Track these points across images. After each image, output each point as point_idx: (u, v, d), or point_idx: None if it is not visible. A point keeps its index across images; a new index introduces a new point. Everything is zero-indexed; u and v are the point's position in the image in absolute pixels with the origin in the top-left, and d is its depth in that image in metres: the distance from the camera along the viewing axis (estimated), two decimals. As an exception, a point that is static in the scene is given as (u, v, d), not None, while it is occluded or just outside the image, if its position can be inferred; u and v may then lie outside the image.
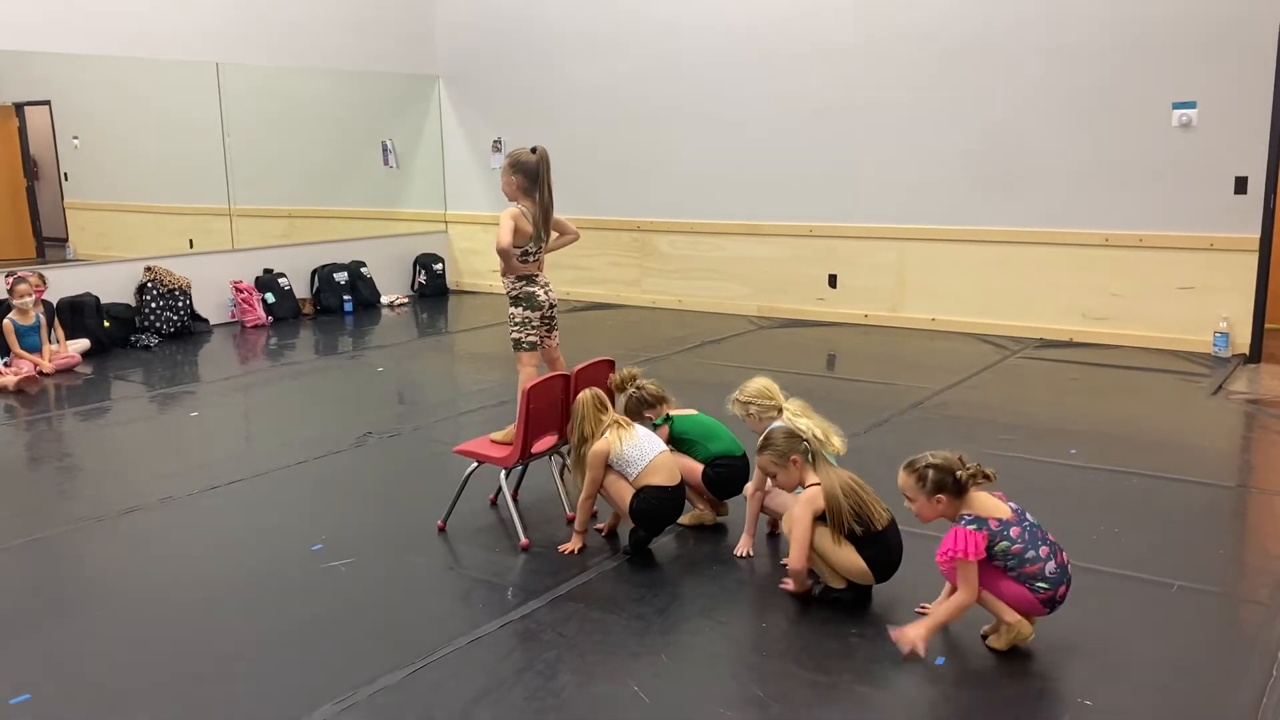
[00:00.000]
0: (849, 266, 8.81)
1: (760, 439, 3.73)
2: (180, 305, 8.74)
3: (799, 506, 3.50)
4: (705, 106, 9.30)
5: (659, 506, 3.89)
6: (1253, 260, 7.14)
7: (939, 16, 8.09)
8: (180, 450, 5.65)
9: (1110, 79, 7.49)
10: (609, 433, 3.94)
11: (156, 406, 6.71)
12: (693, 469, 4.19)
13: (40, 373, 7.29)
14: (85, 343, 7.94)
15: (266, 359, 8.17)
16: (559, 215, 4.79)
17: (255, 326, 9.24)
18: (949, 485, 3.15)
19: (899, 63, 8.30)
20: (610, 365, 4.50)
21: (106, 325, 8.26)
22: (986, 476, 3.16)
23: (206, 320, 9.11)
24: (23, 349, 7.34)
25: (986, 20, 7.90)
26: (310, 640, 3.39)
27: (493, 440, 4.38)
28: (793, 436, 3.62)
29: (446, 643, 3.30)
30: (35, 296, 7.47)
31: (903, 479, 3.24)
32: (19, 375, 7.04)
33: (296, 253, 9.94)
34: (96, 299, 8.28)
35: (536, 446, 4.25)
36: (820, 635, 3.34)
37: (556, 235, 4.83)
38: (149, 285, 8.66)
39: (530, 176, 4.62)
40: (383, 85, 10.63)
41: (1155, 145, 7.38)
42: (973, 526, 3.10)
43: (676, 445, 4.23)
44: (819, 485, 3.48)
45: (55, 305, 7.84)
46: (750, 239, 9.27)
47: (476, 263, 11.07)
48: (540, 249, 4.71)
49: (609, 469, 3.93)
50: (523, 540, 4.07)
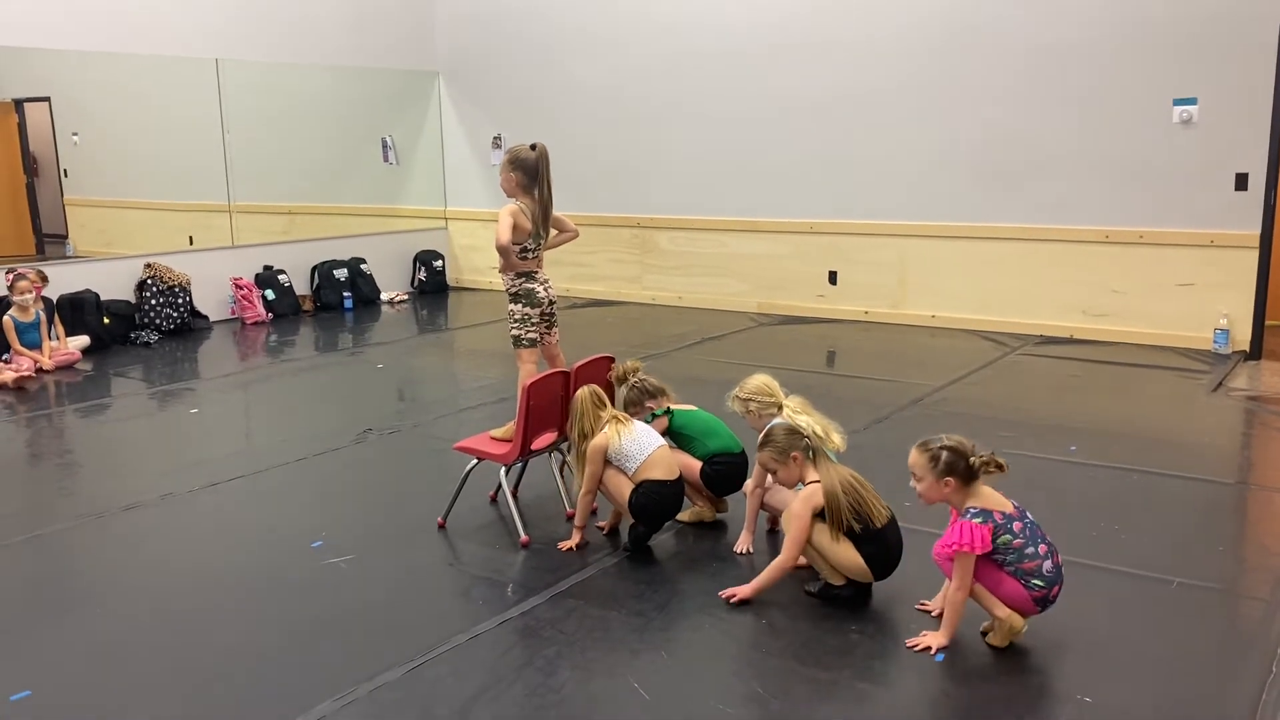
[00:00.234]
0: (850, 263, 8.80)
1: (760, 436, 3.73)
2: (180, 302, 8.74)
3: (798, 503, 3.50)
4: (706, 103, 9.29)
5: (658, 501, 3.90)
6: (1253, 257, 7.13)
7: (939, 13, 8.08)
8: (180, 447, 5.65)
9: (1111, 75, 7.48)
10: (608, 428, 3.95)
11: (156, 403, 6.71)
12: (691, 466, 4.19)
13: (40, 369, 7.29)
14: (85, 339, 7.94)
15: (266, 356, 8.17)
16: (558, 212, 4.78)
17: (255, 323, 9.24)
18: (960, 469, 3.15)
19: (900, 59, 8.29)
20: (610, 362, 4.50)
21: (106, 322, 8.26)
22: (999, 466, 3.16)
23: (206, 317, 9.10)
24: (23, 346, 7.34)
25: (988, 17, 7.89)
26: (310, 637, 3.39)
27: (493, 437, 4.38)
28: (793, 433, 3.62)
29: (446, 639, 3.30)
30: (35, 293, 7.46)
31: (914, 457, 3.23)
32: (19, 372, 7.05)
33: (296, 249, 9.94)
34: (96, 296, 8.27)
35: (536, 443, 4.25)
36: (820, 632, 3.34)
37: (556, 232, 4.82)
38: (149, 282, 8.66)
39: (529, 173, 4.61)
40: (383, 82, 10.62)
41: (1156, 142, 7.37)
42: (978, 520, 3.10)
43: (675, 441, 4.23)
44: (818, 482, 3.48)
45: (55, 302, 7.84)
46: (751, 235, 9.26)
47: (476, 259, 11.06)
48: (540, 246, 4.71)
49: (608, 464, 3.93)
50: (523, 537, 4.07)
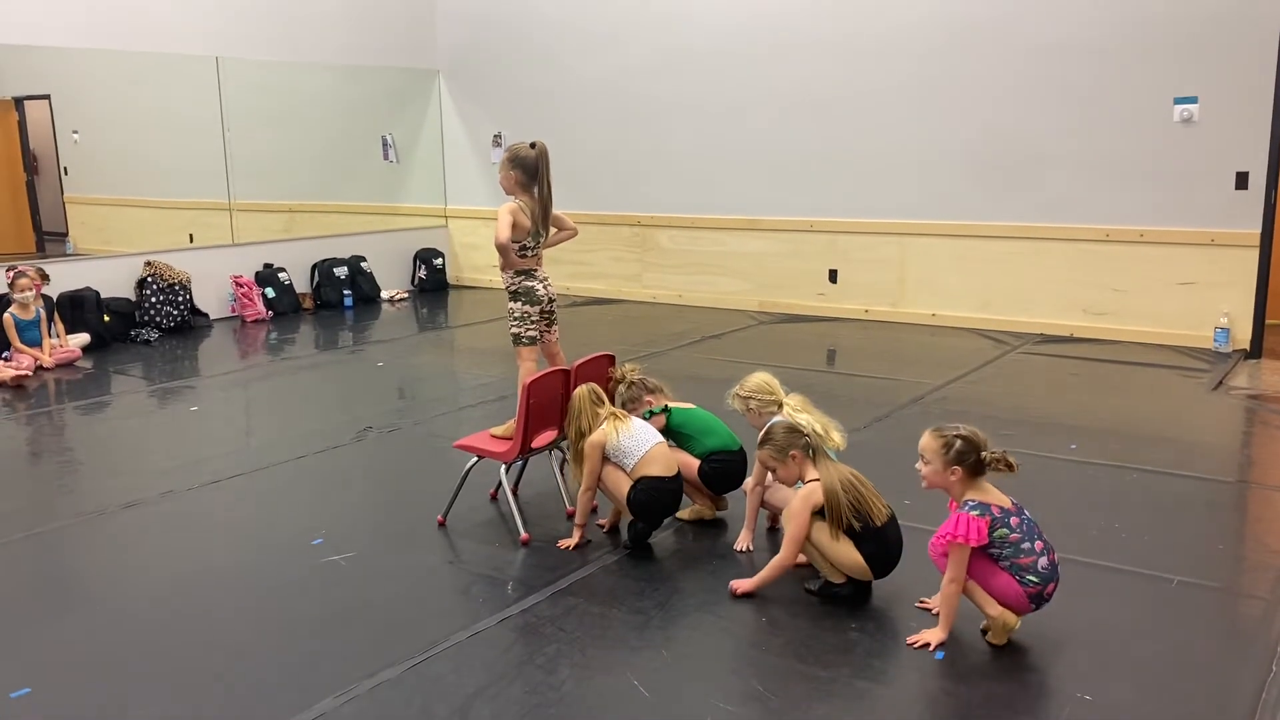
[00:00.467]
0: (850, 262, 8.80)
1: (760, 434, 3.74)
2: (180, 300, 8.74)
3: (797, 502, 3.50)
4: (706, 101, 9.29)
5: (657, 497, 3.90)
6: (1254, 255, 7.13)
7: (940, 12, 8.08)
8: (180, 445, 5.65)
9: (1112, 74, 7.47)
10: (605, 424, 3.95)
11: (156, 401, 6.71)
12: (689, 464, 4.19)
13: (41, 367, 7.29)
14: (85, 337, 7.93)
15: (266, 354, 8.17)
16: (558, 210, 4.78)
17: (255, 321, 9.24)
18: (970, 461, 3.15)
19: (901, 58, 8.29)
20: (610, 360, 4.50)
21: (106, 320, 8.26)
22: (1009, 465, 3.16)
23: (206, 315, 9.10)
24: (23, 343, 7.34)
25: (989, 15, 7.89)
26: (311, 634, 3.39)
27: (493, 435, 4.38)
28: (792, 431, 3.62)
29: (446, 637, 3.31)
30: (35, 291, 7.46)
31: (927, 440, 3.24)
32: (19, 370, 7.05)
33: (296, 247, 9.94)
34: (97, 294, 8.27)
35: (536, 441, 4.25)
36: (820, 630, 3.34)
37: (555, 230, 4.82)
38: (149, 280, 8.66)
39: (529, 171, 4.61)
40: (383, 80, 10.62)
41: (1156, 140, 7.37)
42: (976, 512, 3.11)
43: (673, 440, 4.23)
44: (818, 480, 3.48)
45: (55, 300, 7.84)
46: (751, 234, 9.26)
47: (476, 258, 11.06)
48: (539, 244, 4.71)
49: (606, 461, 3.94)
50: (523, 535, 4.07)
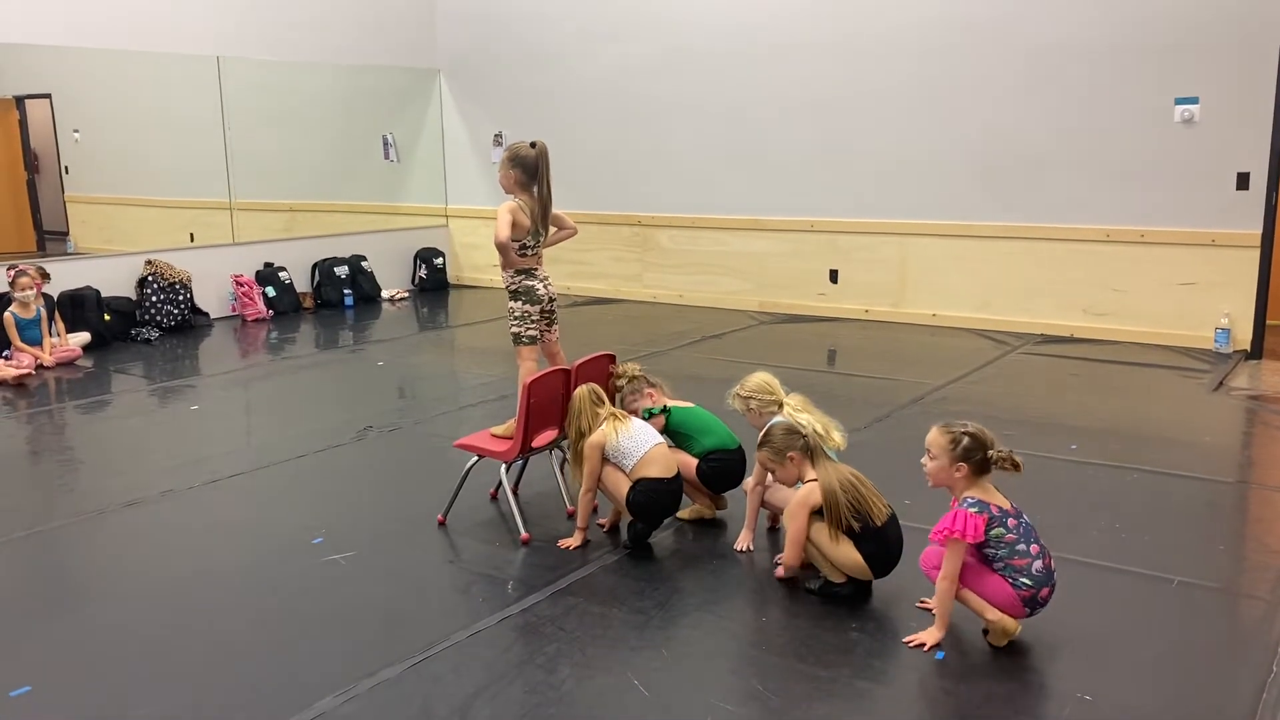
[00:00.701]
0: (850, 262, 8.80)
1: (760, 435, 3.74)
2: (181, 299, 8.74)
3: (795, 502, 3.51)
4: (706, 101, 9.29)
5: (656, 499, 3.89)
6: (1254, 256, 7.13)
7: (941, 12, 8.07)
8: (181, 444, 5.65)
9: (1112, 74, 7.47)
10: (605, 424, 3.95)
11: (157, 400, 6.71)
12: (688, 464, 4.19)
13: (41, 366, 7.30)
14: (86, 336, 7.94)
15: (267, 353, 8.17)
16: (558, 210, 4.78)
17: (256, 320, 9.24)
18: (976, 458, 3.16)
19: (901, 58, 8.28)
20: (611, 359, 4.50)
21: (107, 319, 8.26)
22: (1015, 465, 3.16)
23: (207, 314, 9.10)
24: (24, 342, 7.34)
25: (989, 16, 7.89)
26: (311, 633, 3.39)
27: (493, 434, 4.38)
28: (790, 433, 3.63)
29: (446, 636, 3.31)
30: (36, 289, 7.46)
31: (934, 435, 3.24)
32: (19, 369, 7.05)
33: (297, 247, 9.94)
34: (97, 292, 8.28)
35: (537, 441, 4.25)
36: (820, 630, 3.34)
37: (555, 230, 4.82)
38: (150, 279, 8.66)
39: (529, 171, 4.61)
40: (384, 79, 10.62)
41: (1157, 141, 7.37)
42: (974, 509, 3.11)
43: (672, 439, 4.22)
44: (816, 481, 3.48)
45: (56, 299, 7.84)
46: (751, 234, 9.26)
47: (477, 257, 11.06)
48: (539, 243, 4.70)
49: (606, 461, 3.93)
50: (523, 534, 4.07)
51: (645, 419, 4.17)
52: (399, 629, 3.38)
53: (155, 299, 8.61)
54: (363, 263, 10.34)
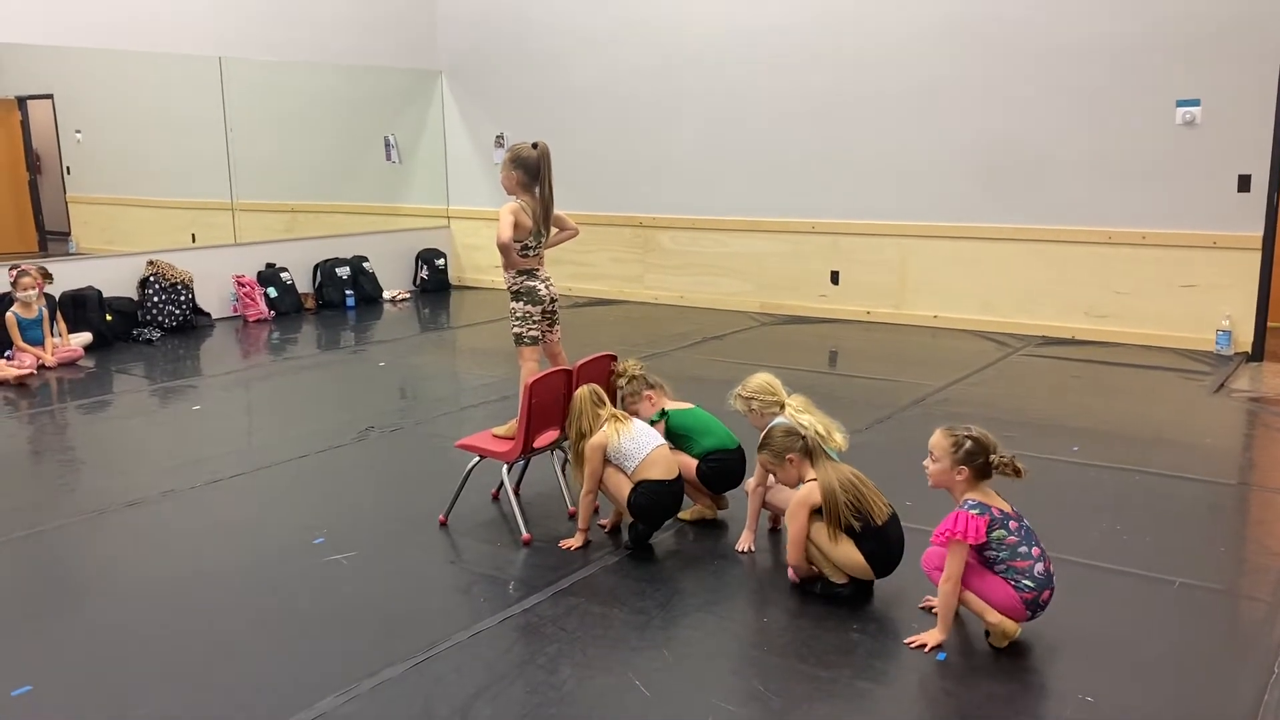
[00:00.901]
0: (851, 263, 8.80)
1: (760, 437, 3.74)
2: (182, 299, 8.74)
3: (794, 503, 3.51)
4: (708, 102, 9.29)
5: (657, 500, 3.90)
6: (1255, 258, 7.12)
7: (942, 15, 8.08)
8: (182, 444, 5.65)
9: (1114, 76, 7.47)
10: (606, 426, 3.95)
11: (158, 400, 6.72)
12: (688, 465, 4.19)
13: (43, 366, 7.30)
14: (87, 336, 7.94)
15: (268, 353, 8.17)
16: (559, 211, 4.78)
17: (257, 321, 9.25)
18: (978, 462, 3.17)
19: (903, 60, 8.28)
20: (612, 360, 4.50)
21: (109, 319, 8.26)
22: (1016, 471, 3.17)
23: (209, 314, 9.11)
24: (26, 342, 7.34)
25: (991, 17, 7.89)
26: (312, 633, 3.39)
27: (494, 435, 4.38)
28: (789, 434, 3.63)
29: (448, 636, 3.31)
30: (38, 290, 7.47)
31: (937, 438, 3.25)
32: (21, 369, 7.05)
33: (299, 247, 9.94)
34: (99, 293, 8.28)
35: (538, 441, 4.25)
36: (821, 630, 3.34)
37: (556, 231, 4.82)
38: (151, 279, 8.67)
39: (530, 172, 4.61)
40: (386, 80, 10.63)
41: (1159, 143, 7.37)
42: (975, 511, 3.12)
43: (671, 441, 4.21)
44: (815, 481, 3.48)
45: (58, 299, 7.84)
46: (753, 235, 9.26)
47: (478, 258, 11.07)
48: (540, 244, 4.71)
49: (607, 463, 3.94)
50: (524, 535, 4.07)
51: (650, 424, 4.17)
52: (400, 629, 3.39)
53: (157, 299, 8.62)
54: (364, 263, 10.35)
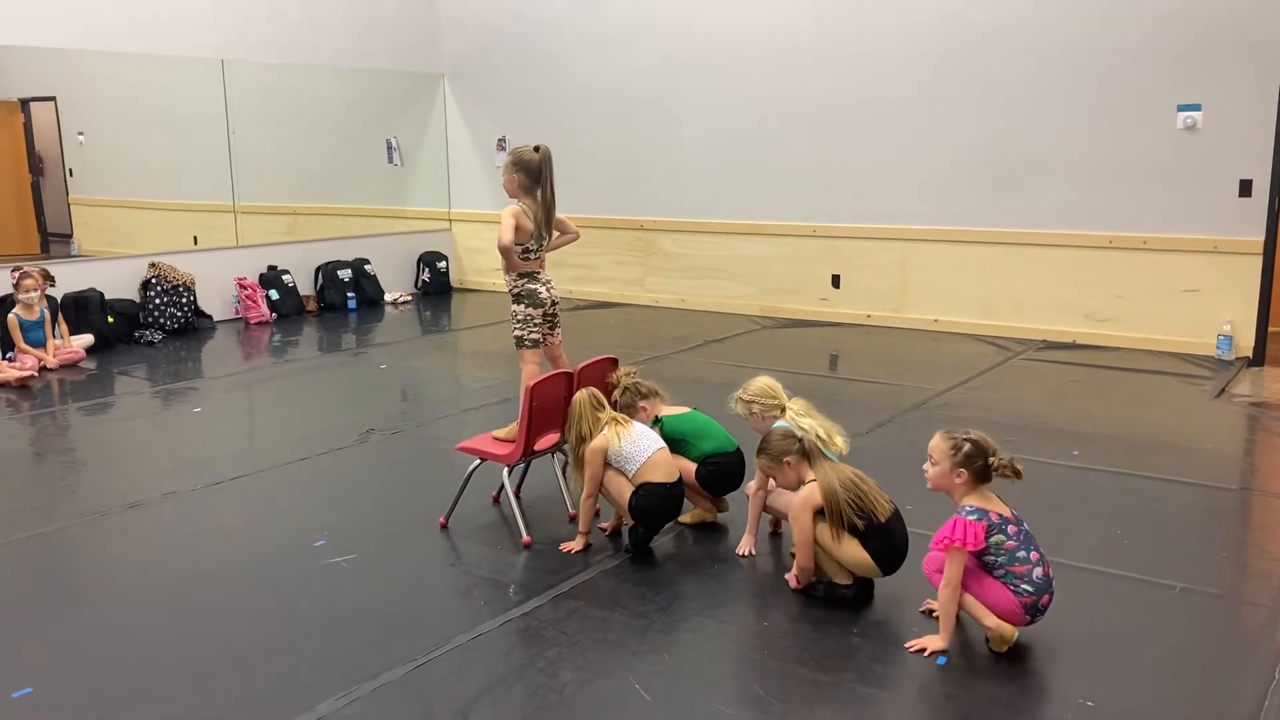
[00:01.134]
0: (852, 267, 8.81)
1: (760, 442, 3.74)
2: (184, 301, 8.75)
3: (796, 506, 3.51)
4: (709, 105, 9.30)
5: (659, 503, 3.90)
6: (1257, 263, 7.13)
7: (944, 18, 8.08)
8: (183, 446, 5.66)
9: (1115, 81, 7.48)
10: (607, 429, 3.95)
11: (160, 402, 6.72)
12: (687, 469, 4.18)
13: (44, 368, 7.31)
14: (89, 338, 7.95)
15: (270, 356, 8.17)
16: (561, 214, 4.79)
17: (259, 323, 9.25)
18: (977, 465, 3.17)
19: (904, 64, 8.29)
20: (613, 363, 4.50)
21: (110, 321, 8.27)
22: (1015, 472, 3.17)
23: (210, 316, 9.11)
24: (27, 344, 7.35)
25: (992, 21, 7.89)
26: (312, 636, 3.39)
27: (495, 437, 4.38)
28: (787, 438, 3.63)
29: (448, 639, 3.31)
30: (40, 292, 7.48)
31: (937, 441, 3.26)
32: (22, 370, 7.06)
33: (301, 250, 9.95)
34: (101, 295, 8.29)
35: (539, 444, 4.25)
36: (822, 634, 3.34)
37: (558, 234, 4.82)
38: (153, 281, 8.67)
39: (532, 175, 4.62)
40: (388, 83, 10.64)
41: (1160, 147, 7.37)
42: (973, 517, 3.12)
43: (670, 445, 4.21)
44: (815, 482, 3.48)
45: (59, 301, 7.85)
46: (754, 239, 9.27)
47: (480, 261, 11.07)
48: (542, 247, 4.71)
49: (608, 466, 3.94)
50: (525, 538, 4.07)
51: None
52: (400, 632, 3.39)
53: (158, 301, 8.62)
54: (366, 266, 10.35)
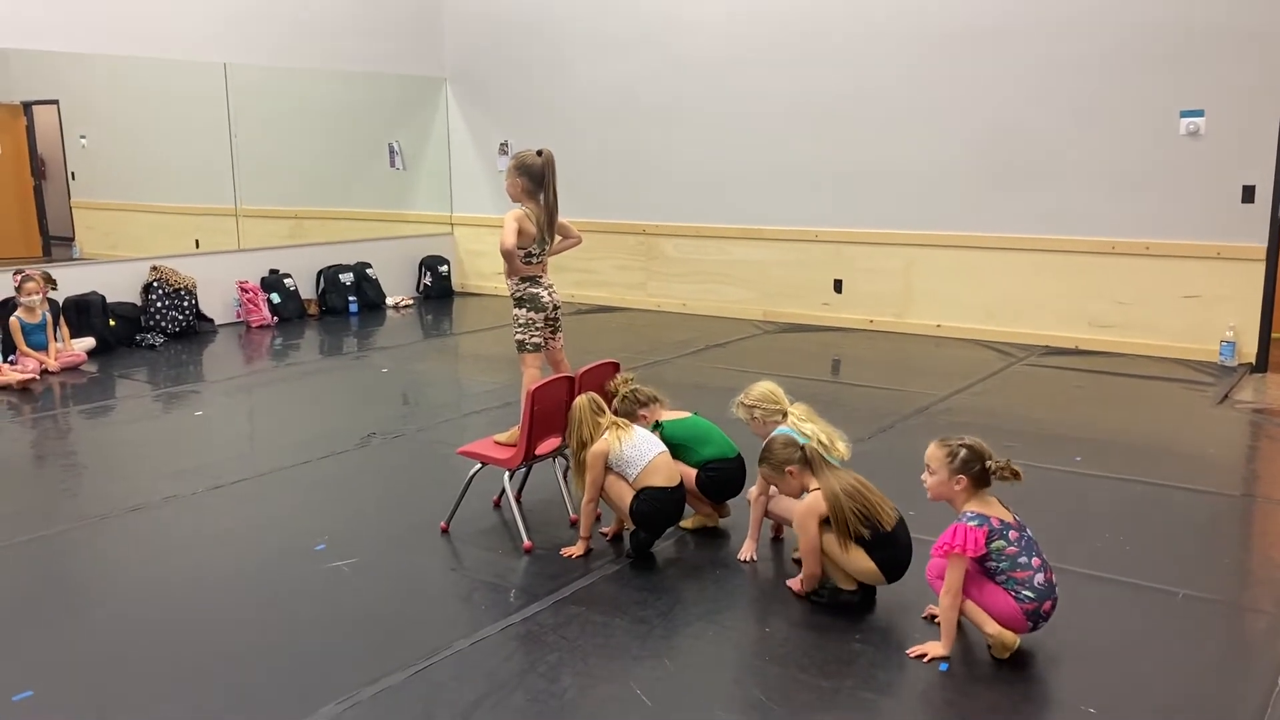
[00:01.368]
0: (855, 271, 8.80)
1: (761, 449, 3.73)
2: (186, 305, 8.75)
3: (801, 514, 3.49)
4: (711, 110, 9.30)
5: (660, 507, 3.89)
6: (1259, 269, 7.12)
7: (946, 22, 8.08)
8: (184, 449, 5.65)
9: (1117, 86, 7.47)
10: (608, 434, 3.94)
11: (161, 406, 6.72)
12: (687, 474, 4.16)
13: (46, 371, 7.31)
14: (90, 341, 7.95)
15: (271, 359, 8.17)
16: (563, 219, 4.78)
17: (260, 327, 9.25)
18: (974, 470, 3.16)
19: (906, 68, 8.29)
20: (615, 367, 4.50)
21: (112, 324, 8.27)
22: (1014, 474, 3.16)
23: (212, 320, 9.12)
24: (29, 347, 7.36)
25: (994, 26, 7.89)
26: (313, 640, 3.38)
27: (496, 442, 4.38)
28: (788, 445, 3.62)
29: (449, 644, 3.30)
30: (42, 295, 7.48)
31: (932, 450, 3.25)
32: (24, 373, 7.06)
33: (302, 253, 9.95)
34: (102, 298, 8.29)
35: (540, 448, 4.25)
36: (823, 640, 3.33)
37: (560, 239, 4.82)
38: (155, 285, 8.68)
39: (535, 179, 4.62)
40: (390, 87, 10.65)
41: (1162, 153, 7.36)
42: (974, 523, 3.11)
43: (671, 451, 4.19)
44: (819, 490, 3.47)
45: (61, 304, 7.85)
46: (756, 243, 9.27)
47: (482, 265, 11.07)
48: (544, 251, 4.71)
49: (609, 470, 3.93)
50: (525, 542, 4.07)
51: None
52: (401, 636, 3.38)
53: (160, 305, 8.62)
54: (368, 270, 10.36)
